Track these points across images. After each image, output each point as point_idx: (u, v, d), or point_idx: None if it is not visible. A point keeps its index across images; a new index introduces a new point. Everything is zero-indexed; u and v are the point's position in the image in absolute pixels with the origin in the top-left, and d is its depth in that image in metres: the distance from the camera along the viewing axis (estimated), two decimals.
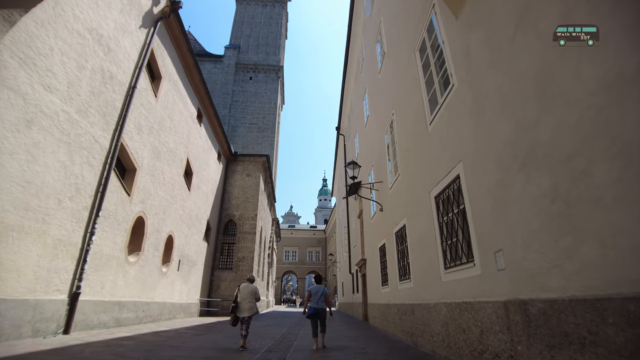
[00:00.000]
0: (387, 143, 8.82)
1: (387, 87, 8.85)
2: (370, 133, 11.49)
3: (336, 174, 27.04)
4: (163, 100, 10.54)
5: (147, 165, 9.61)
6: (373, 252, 10.93)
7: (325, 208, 77.34)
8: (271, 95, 32.39)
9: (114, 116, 7.94)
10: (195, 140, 13.70)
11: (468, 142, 4.13)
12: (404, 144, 7.16)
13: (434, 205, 5.27)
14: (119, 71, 8.07)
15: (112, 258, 7.92)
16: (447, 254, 4.78)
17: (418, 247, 6.08)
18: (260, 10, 37.17)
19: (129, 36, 8.48)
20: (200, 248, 15.06)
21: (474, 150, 3.96)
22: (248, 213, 18.35)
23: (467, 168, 4.13)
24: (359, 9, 13.32)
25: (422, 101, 5.90)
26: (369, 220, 11.96)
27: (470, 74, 4.09)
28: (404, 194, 7.06)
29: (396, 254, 7.69)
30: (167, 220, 11.18)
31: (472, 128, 4.04)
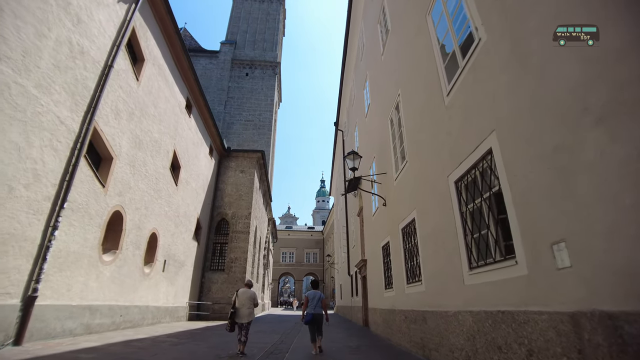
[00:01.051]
0: (391, 129, 7.94)
1: (391, 66, 8.00)
2: (372, 122, 10.62)
3: (334, 172, 26.13)
4: (146, 85, 9.63)
5: (127, 155, 8.68)
6: (375, 252, 10.03)
7: (323, 209, 76.39)
8: (268, 92, 31.50)
9: (86, 97, 7.02)
10: (183, 131, 12.79)
11: (504, 104, 3.25)
12: (412, 126, 6.29)
13: (453, 193, 4.38)
14: (92, 47, 7.16)
15: (81, 256, 6.98)
16: (473, 251, 3.89)
17: (432, 243, 5.18)
18: (257, 5, 36.34)
19: (105, 9, 7.58)
20: (190, 248, 14.11)
21: (514, 114, 3.08)
22: (241, 211, 17.41)
23: (504, 138, 3.25)
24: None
25: (437, 70, 5.04)
26: (370, 217, 11.07)
27: (507, 12, 3.22)
28: (413, 183, 6.18)
29: (403, 252, 6.80)
30: (150, 217, 10.24)
31: (509, 85, 3.16)
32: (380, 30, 9.40)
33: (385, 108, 8.51)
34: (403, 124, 6.89)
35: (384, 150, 8.64)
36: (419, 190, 5.82)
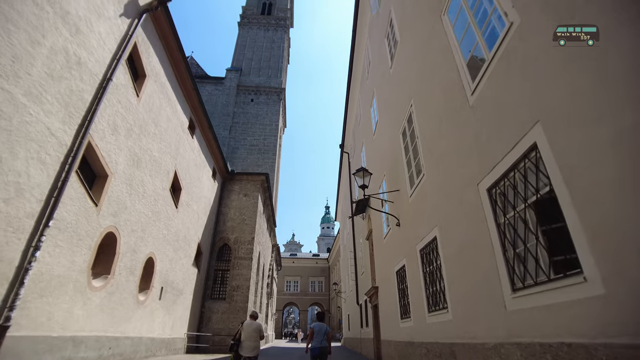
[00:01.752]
0: (403, 143, 7.45)
1: (402, 78, 7.63)
2: (381, 139, 10.17)
3: (340, 196, 25.50)
4: (147, 102, 9.33)
5: (123, 173, 8.22)
6: (387, 278, 9.27)
7: (328, 236, 74.97)
8: (272, 117, 31.59)
9: (81, 109, 6.66)
10: (185, 152, 12.41)
11: (550, 89, 2.74)
12: (429, 135, 5.78)
13: (486, 202, 3.79)
14: (90, 58, 6.89)
15: (67, 281, 6.35)
16: (515, 268, 3.25)
17: (459, 263, 4.53)
18: (263, 34, 37.29)
19: (106, 22, 7.39)
20: (189, 274, 13.36)
21: (565, 97, 2.55)
22: (244, 236, 16.73)
23: (552, 128, 2.70)
24: (364, 9, 12.41)
25: (457, 70, 4.60)
26: (380, 240, 10.37)
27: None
28: (433, 197, 5.59)
29: (422, 277, 6.10)
30: (147, 240, 9.63)
31: (556, 66, 2.66)
32: (388, 44, 9.14)
33: (396, 122, 8.07)
34: (417, 135, 6.40)
35: (396, 166, 8.11)
36: (441, 205, 5.23)
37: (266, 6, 40.87)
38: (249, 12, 38.91)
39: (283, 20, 38.90)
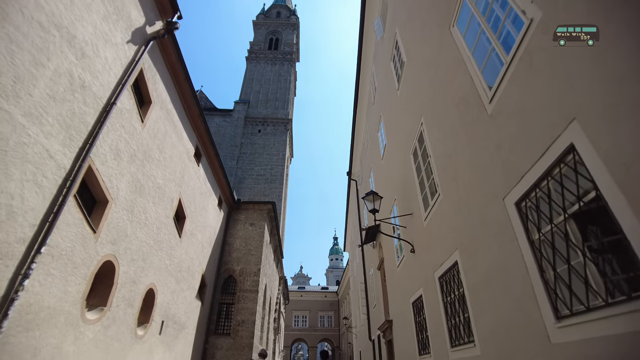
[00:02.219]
0: (415, 163, 7.12)
1: (410, 97, 7.44)
2: (390, 163, 9.87)
3: (349, 225, 24.91)
4: (152, 128, 9.26)
5: (125, 199, 7.97)
6: (402, 310, 8.61)
7: (337, 268, 73.08)
8: (279, 147, 31.78)
9: (82, 132, 6.53)
10: (191, 180, 12.22)
11: (587, 80, 2.42)
12: (443, 152, 5.45)
13: (515, 218, 3.38)
14: (94, 82, 6.85)
15: (58, 313, 5.91)
16: (558, 292, 2.78)
17: (487, 290, 4.03)
18: (270, 67, 38.42)
19: (113, 48, 7.44)
20: (192, 308, 12.72)
21: (607, 84, 2.23)
22: (250, 267, 16.13)
23: (594, 124, 2.36)
24: (369, 35, 12.55)
25: (471, 79, 4.35)
26: (393, 270, 9.79)
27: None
28: (451, 218, 5.17)
29: (443, 307, 5.54)
30: (148, 270, 9.20)
31: (595, 53, 2.36)
32: (394, 66, 9.07)
33: (406, 142, 7.79)
34: (430, 153, 6.08)
35: (408, 188, 7.73)
36: (460, 226, 4.79)
37: (273, 41, 42.46)
38: (256, 48, 40.38)
39: (289, 54, 40.21)
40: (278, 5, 47.95)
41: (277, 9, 47.34)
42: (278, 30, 43.62)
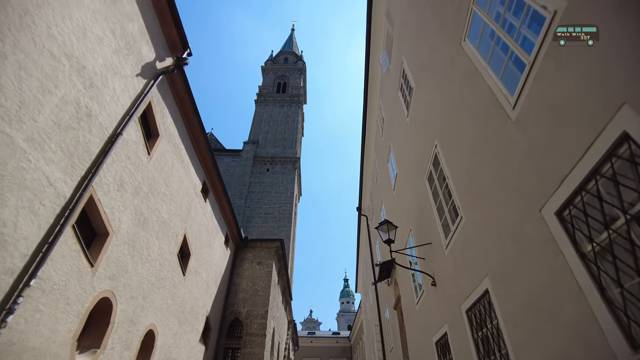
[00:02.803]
0: (431, 189, 6.74)
1: (421, 121, 7.23)
2: (402, 192, 9.49)
3: (360, 263, 23.93)
4: (158, 161, 9.14)
5: (127, 233, 7.64)
6: (424, 351, 7.79)
7: (348, 312, 69.67)
8: (288, 185, 31.68)
9: (86, 161, 6.37)
10: (197, 216, 11.90)
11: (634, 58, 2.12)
12: (463, 171, 5.09)
13: (557, 230, 2.93)
14: (101, 112, 6.82)
15: (43, 355, 5.35)
16: (630, 314, 2.27)
17: (528, 318, 3.45)
18: (278, 109, 39.50)
19: (122, 80, 7.51)
20: (195, 352, 11.83)
21: None
22: (257, 309, 15.25)
23: None
24: (374, 70, 12.71)
25: (490, 89, 4.10)
26: (412, 307, 9.03)
27: None
28: (477, 242, 4.69)
29: (473, 344, 4.87)
30: (149, 310, 8.61)
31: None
32: (402, 95, 8.99)
33: (419, 168, 7.47)
34: (447, 175, 5.72)
35: (424, 216, 7.28)
36: (489, 249, 4.31)
37: (281, 85, 44.09)
38: (265, 91, 41.87)
39: (297, 97, 41.51)
40: (285, 52, 50.43)
41: (284, 55, 49.72)
42: (286, 75, 45.45)
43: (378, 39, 11.81)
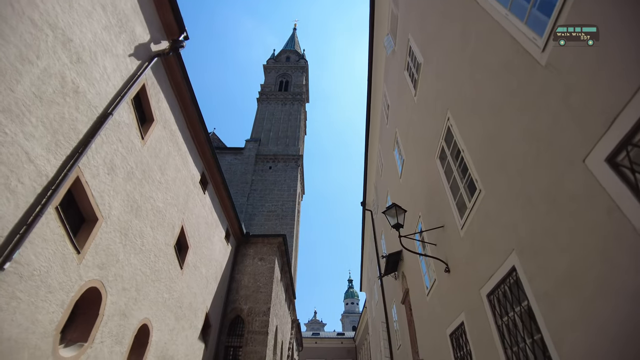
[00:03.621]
0: (443, 167, 6.24)
1: (431, 96, 6.76)
2: (409, 179, 8.99)
3: (365, 260, 23.37)
4: (153, 146, 8.69)
5: (118, 220, 7.18)
6: (437, 345, 7.26)
7: (353, 313, 68.95)
8: (290, 183, 31.22)
9: (72, 139, 5.93)
10: (195, 208, 11.45)
11: None
12: (482, 138, 4.58)
13: (611, 179, 2.42)
14: (90, 89, 6.39)
15: (21, 347, 4.89)
16: None
17: (572, 294, 2.93)
18: (280, 107, 39.14)
19: (113, 58, 7.08)
20: (194, 350, 11.34)
21: None
22: (259, 306, 14.75)
23: None
24: (378, 54, 12.21)
25: (512, 37, 3.62)
26: (421, 299, 8.51)
27: None
28: (501, 215, 4.17)
29: (497, 331, 4.34)
30: (143, 303, 8.15)
31: None
32: (409, 74, 8.51)
33: (429, 148, 6.97)
34: (463, 148, 5.21)
35: (436, 198, 6.78)
36: (517, 220, 3.79)
37: (283, 83, 43.75)
38: (267, 90, 41.52)
39: (299, 94, 41.12)
40: (287, 51, 50.09)
41: (286, 54, 49.39)
42: (288, 73, 45.08)
43: (382, 24, 11.33)
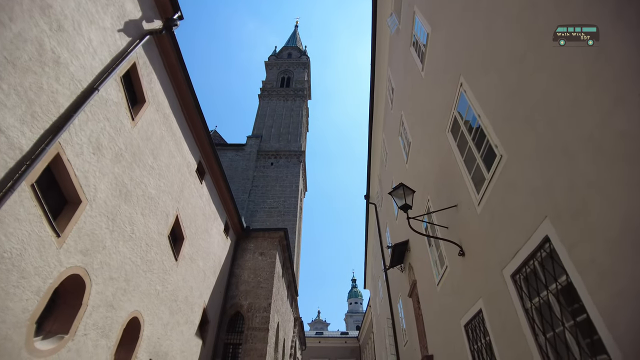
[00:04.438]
0: (455, 140, 5.69)
1: (440, 66, 6.24)
2: (417, 161, 8.46)
3: (369, 256, 22.78)
4: (145, 129, 8.20)
5: (105, 204, 6.69)
6: (449, 338, 6.70)
7: (356, 312, 68.22)
8: (292, 179, 30.69)
9: (51, 112, 5.45)
10: (192, 198, 10.94)
11: None
12: (502, 96, 4.03)
13: None
14: (73, 61, 5.91)
15: None
16: None
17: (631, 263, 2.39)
18: (282, 104, 38.63)
19: (99, 31, 6.60)
20: (191, 347, 10.82)
21: None
22: (259, 302, 14.22)
23: None
24: (381, 40, 11.66)
25: None
26: (431, 291, 7.96)
27: None
28: (527, 179, 3.62)
29: (524, 315, 3.78)
30: (133, 294, 7.64)
31: None
32: (416, 49, 7.97)
33: (440, 123, 6.43)
34: (479, 113, 4.67)
35: (448, 176, 6.23)
36: (549, 180, 3.23)
37: (285, 80, 43.25)
38: (268, 86, 41.02)
39: (301, 90, 40.58)
40: (289, 47, 49.60)
41: (288, 51, 48.90)
42: (289, 70, 44.59)
43: (385, 4, 10.79)
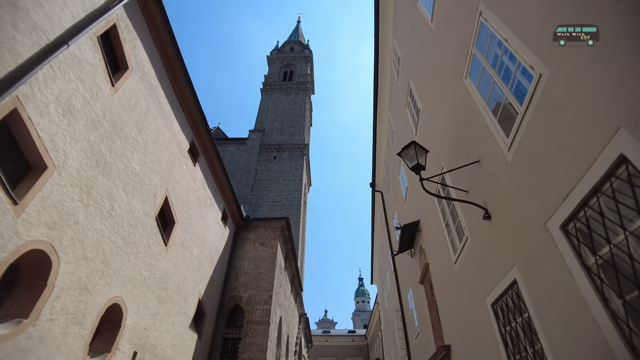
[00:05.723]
0: (476, 84, 4.82)
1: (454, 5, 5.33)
2: (428, 126, 7.63)
3: (376, 248, 21.89)
4: (127, 98, 7.44)
5: (77, 173, 5.92)
6: (471, 323, 5.82)
7: (363, 311, 67.20)
8: (296, 172, 29.92)
9: (7, 61, 4.71)
10: (183, 179, 10.17)
11: None
12: (534, 4, 3.18)
13: None
14: (36, 9, 5.19)
15: None
16: None
17: None
18: (285, 97, 37.91)
19: None
20: (184, 340, 10.03)
21: None
22: (260, 294, 13.40)
23: None
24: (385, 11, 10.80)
25: None
26: (447, 271, 7.07)
27: None
28: (590, 91, 2.75)
29: (586, 275, 2.90)
30: (113, 278, 6.87)
31: None
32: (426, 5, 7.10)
33: (455, 72, 5.58)
34: (506, 36, 3.81)
35: (467, 130, 5.38)
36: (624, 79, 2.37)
37: (287, 74, 42.49)
38: (270, 80, 40.28)
39: (304, 84, 39.80)
40: (291, 42, 48.87)
41: (290, 45, 48.17)
42: (292, 64, 43.85)
43: None
